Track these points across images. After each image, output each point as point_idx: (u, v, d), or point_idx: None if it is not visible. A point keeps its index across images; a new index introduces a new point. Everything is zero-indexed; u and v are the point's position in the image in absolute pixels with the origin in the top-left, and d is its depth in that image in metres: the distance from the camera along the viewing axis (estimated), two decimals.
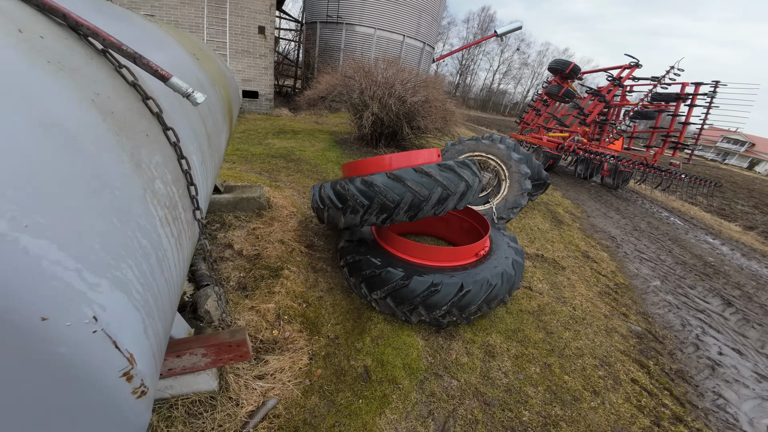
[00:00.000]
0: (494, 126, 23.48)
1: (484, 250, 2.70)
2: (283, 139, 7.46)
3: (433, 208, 2.43)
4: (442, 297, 2.29)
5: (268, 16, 9.43)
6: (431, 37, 13.84)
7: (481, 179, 2.94)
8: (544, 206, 6.01)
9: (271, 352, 2.00)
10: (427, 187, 2.33)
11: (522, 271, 2.70)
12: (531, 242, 4.24)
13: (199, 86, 1.62)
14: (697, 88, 8.08)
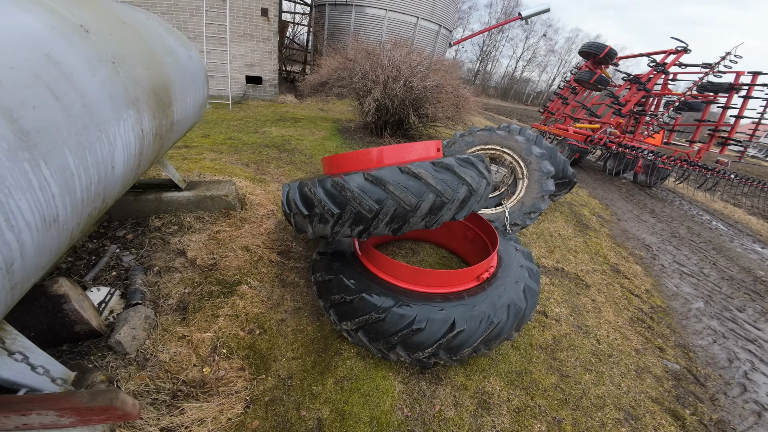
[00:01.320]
0: (515, 115, 22.20)
1: (489, 272, 2.15)
2: (282, 127, 7.01)
3: (423, 220, 1.88)
4: (427, 337, 1.78)
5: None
6: (448, 20, 12.91)
7: (489, 181, 2.37)
8: (568, 207, 5.31)
9: (193, 398, 1.56)
10: (415, 193, 1.77)
11: (535, 300, 2.14)
12: (550, 252, 3.62)
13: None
14: (755, 77, 6.99)
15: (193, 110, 2.71)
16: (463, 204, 1.98)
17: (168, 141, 2.34)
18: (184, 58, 2.56)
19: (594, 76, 8.16)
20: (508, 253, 2.43)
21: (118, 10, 1.93)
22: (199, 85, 2.83)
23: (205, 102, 3.10)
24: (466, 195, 1.97)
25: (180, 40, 2.71)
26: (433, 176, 1.84)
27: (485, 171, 2.24)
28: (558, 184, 4.41)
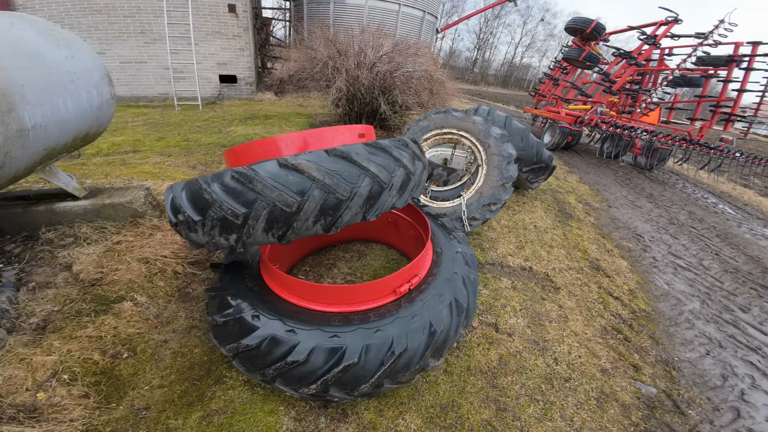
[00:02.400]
0: (514, 102, 21.44)
1: (412, 284, 1.73)
2: (249, 125, 6.64)
3: (361, 211, 1.51)
4: (309, 370, 1.38)
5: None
6: (433, 5, 12.35)
7: (425, 164, 1.97)
8: (551, 195, 4.82)
9: (16, 422, 1.23)
10: (348, 178, 1.43)
11: (468, 317, 1.72)
12: (520, 248, 3.17)
13: None
14: (755, 47, 6.34)
15: (75, 114, 2.40)
16: (402, 189, 1.65)
17: (27, 149, 2.00)
18: (57, 58, 2.31)
19: (583, 53, 7.58)
20: (447, 257, 2.00)
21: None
22: (87, 87, 2.55)
23: (104, 104, 2.81)
24: (405, 178, 1.64)
25: (58, 41, 2.45)
26: (368, 157, 1.49)
27: (418, 152, 1.86)
28: (533, 169, 3.94)
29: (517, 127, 3.80)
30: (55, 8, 8.09)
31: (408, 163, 1.70)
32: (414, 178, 1.78)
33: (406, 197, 1.79)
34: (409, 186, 1.78)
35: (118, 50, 8.71)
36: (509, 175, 2.81)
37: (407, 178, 1.70)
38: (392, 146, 1.71)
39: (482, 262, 2.86)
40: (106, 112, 2.95)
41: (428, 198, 3.36)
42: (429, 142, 3.31)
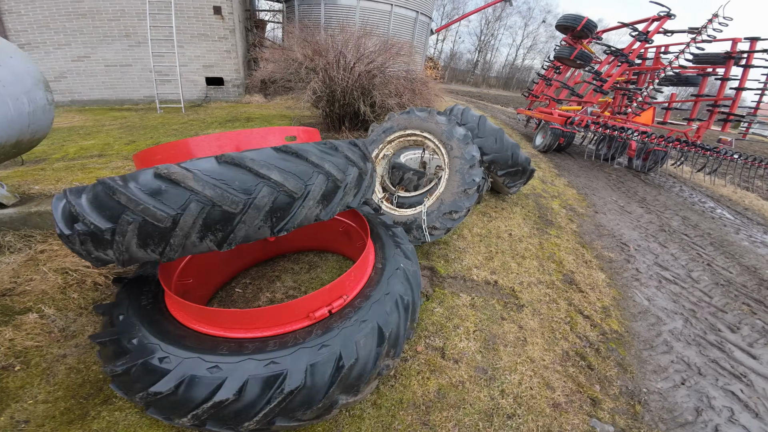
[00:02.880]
0: (514, 103, 21.13)
1: (334, 306, 1.51)
2: (228, 128, 6.48)
3: (316, 208, 1.42)
4: (182, 401, 1.18)
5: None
6: (427, 6, 12.17)
7: (365, 169, 1.75)
8: (534, 200, 4.58)
9: None
10: (301, 175, 1.33)
11: (396, 347, 1.50)
12: (488, 259, 2.94)
13: None
14: (753, 43, 6.06)
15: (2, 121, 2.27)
16: (356, 187, 1.58)
17: None
18: None
19: (574, 51, 7.33)
20: (387, 274, 1.78)
21: None
22: (15, 94, 2.46)
23: (38, 110, 2.73)
24: (331, 187, 1.46)
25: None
26: (321, 156, 1.39)
27: (357, 157, 1.67)
28: (509, 173, 3.72)
29: (491, 128, 3.58)
30: (40, 12, 8.04)
31: (332, 168, 1.49)
32: (342, 185, 1.58)
33: (333, 208, 1.58)
34: (337, 195, 1.57)
35: (102, 53, 8.64)
36: (471, 180, 2.59)
37: (335, 186, 1.50)
38: (346, 146, 1.56)
39: (443, 275, 2.64)
40: (41, 119, 2.83)
41: (393, 204, 3.15)
42: (393, 144, 3.10)
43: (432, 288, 2.47)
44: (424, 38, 12.62)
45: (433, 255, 2.88)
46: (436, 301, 2.33)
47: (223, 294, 2.26)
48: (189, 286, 1.93)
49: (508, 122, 12.23)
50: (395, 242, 2.09)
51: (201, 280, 2.10)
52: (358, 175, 1.65)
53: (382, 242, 2.08)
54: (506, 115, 14.65)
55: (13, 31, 7.90)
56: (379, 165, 3.14)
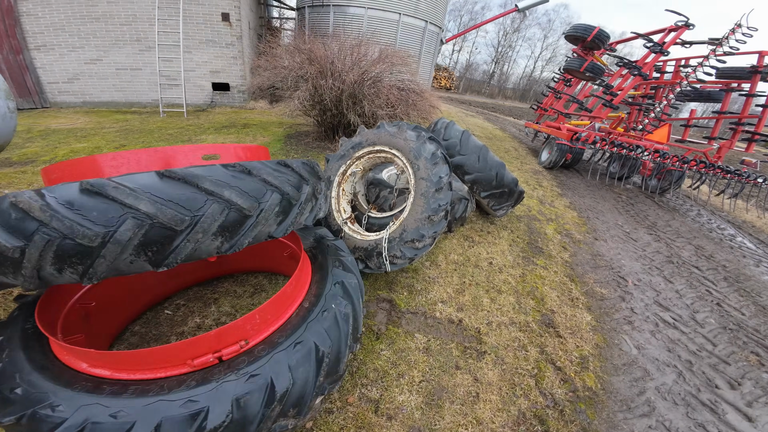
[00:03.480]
0: (528, 117, 20.63)
1: (223, 354, 1.29)
2: (223, 133, 6.44)
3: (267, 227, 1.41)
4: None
5: (232, 2, 8.50)
6: (437, 16, 12.01)
7: (291, 193, 1.56)
8: (526, 223, 4.26)
9: None
10: (253, 193, 1.34)
11: (299, 407, 1.28)
12: (459, 292, 2.66)
13: None
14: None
15: None
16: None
17: None
18: None
19: (585, 63, 6.96)
20: (313, 314, 1.56)
21: None
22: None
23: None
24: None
25: None
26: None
27: (310, 175, 1.65)
28: (493, 195, 3.43)
29: (475, 145, 3.32)
30: (57, 16, 8.31)
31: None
32: (297, 204, 1.57)
33: (284, 227, 1.54)
34: (291, 213, 1.47)
35: (114, 57, 8.85)
36: (437, 206, 2.34)
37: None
38: (265, 168, 1.40)
39: (403, 309, 2.38)
40: (0, 126, 2.79)
41: (363, 225, 2.92)
42: (363, 160, 2.89)
43: (386, 325, 2.22)
44: (433, 48, 12.45)
45: (397, 284, 2.63)
46: (386, 341, 2.07)
47: (150, 315, 2.09)
48: (93, 310, 1.75)
49: (517, 135, 11.85)
50: (337, 274, 1.86)
51: (117, 302, 1.93)
52: (312, 193, 1.61)
53: (323, 274, 1.86)
54: (516, 127, 14.25)
55: (31, 33, 8.17)
56: (347, 182, 2.93)
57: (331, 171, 2.90)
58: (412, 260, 2.46)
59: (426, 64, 12.58)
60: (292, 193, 1.54)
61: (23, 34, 8.10)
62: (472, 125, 11.92)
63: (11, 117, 2.82)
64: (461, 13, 45.19)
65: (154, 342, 1.95)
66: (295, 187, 1.55)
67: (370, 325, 2.19)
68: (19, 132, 6.02)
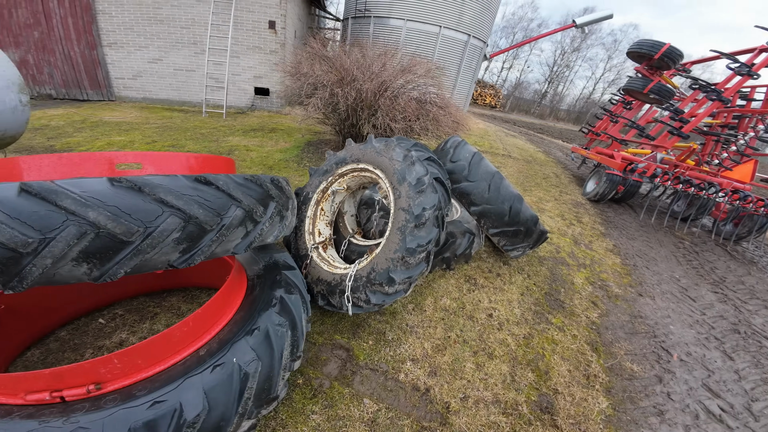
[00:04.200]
0: (580, 140, 18.96)
1: (63, 393, 1.07)
2: (248, 136, 6.54)
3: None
4: None
5: (279, 10, 8.79)
6: (482, 30, 11.47)
7: (284, 204, 1.67)
8: (550, 266, 3.60)
9: None
10: (215, 206, 1.32)
11: None
12: (438, 350, 2.18)
13: None
14: None
15: None
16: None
17: None
18: None
19: (650, 83, 6.01)
20: (201, 367, 1.25)
21: None
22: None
23: (6, 111, 2.85)
24: None
25: None
26: None
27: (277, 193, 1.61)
28: (505, 233, 2.90)
29: (486, 171, 2.83)
30: (128, 16, 9.09)
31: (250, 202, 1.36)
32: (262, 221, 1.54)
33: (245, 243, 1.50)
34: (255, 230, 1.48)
35: (173, 58, 9.56)
36: (414, 246, 1.91)
37: (252, 219, 1.39)
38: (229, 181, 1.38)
39: (361, 363, 1.97)
40: (10, 119, 2.92)
41: (337, 253, 2.58)
42: (347, 179, 2.55)
43: (332, 380, 1.82)
44: (474, 63, 11.89)
45: (365, 329, 2.23)
46: (323, 402, 1.68)
47: (83, 321, 1.96)
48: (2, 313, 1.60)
49: (563, 160, 10.80)
50: (265, 319, 1.53)
51: (39, 306, 1.79)
52: (278, 211, 1.57)
53: (250, 312, 1.55)
54: (564, 152, 13.06)
55: (105, 31, 9.07)
56: (326, 201, 2.60)
57: (310, 187, 2.60)
58: (380, 306, 2.05)
59: (465, 79, 12.06)
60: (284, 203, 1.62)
61: (98, 31, 8.99)
62: (510, 145, 11.11)
63: (23, 110, 2.93)
64: (515, 30, 43.61)
65: (70, 352, 1.78)
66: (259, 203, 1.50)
67: (312, 377, 1.81)
68: (75, 121, 6.61)
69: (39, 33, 8.74)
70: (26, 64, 9.03)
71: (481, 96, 30.27)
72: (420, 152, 2.63)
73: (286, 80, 5.44)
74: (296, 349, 1.54)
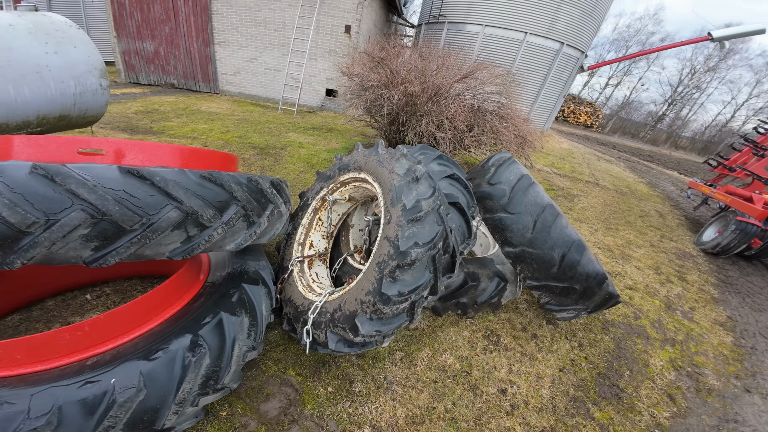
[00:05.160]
0: (703, 173, 15.10)
1: None
2: (304, 134, 6.67)
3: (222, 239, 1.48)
4: None
5: (355, 15, 8.93)
6: (580, 38, 9.91)
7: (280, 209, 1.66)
8: (618, 336, 2.68)
9: None
10: (213, 202, 1.40)
11: None
12: (412, 424, 1.66)
13: None
14: None
15: (33, 99, 2.79)
16: None
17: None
18: (29, 54, 2.77)
19: None
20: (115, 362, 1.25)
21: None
22: (61, 78, 2.96)
23: (86, 93, 3.32)
24: None
25: (47, 39, 2.91)
26: None
27: None
28: (550, 288, 2.19)
29: (534, 202, 2.16)
30: (235, 17, 10.15)
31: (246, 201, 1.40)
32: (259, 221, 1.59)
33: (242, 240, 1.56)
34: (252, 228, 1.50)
35: (265, 58, 10.48)
36: (390, 294, 1.42)
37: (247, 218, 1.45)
38: None
39: (306, 413, 1.58)
40: (90, 101, 3.26)
41: (327, 272, 2.23)
42: (349, 188, 2.18)
43: (261, 424, 1.47)
44: (566, 75, 10.36)
45: (329, 370, 1.82)
46: None
47: (73, 294, 2.03)
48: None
49: (673, 197, 8.66)
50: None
51: (26, 277, 1.87)
52: (242, 215, 1.50)
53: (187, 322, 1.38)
54: (677, 185, 10.53)
55: (217, 30, 10.34)
56: (324, 210, 2.27)
57: (311, 192, 2.31)
58: (338, 354, 1.62)
59: (551, 92, 10.60)
60: None
61: (212, 30, 10.28)
62: (600, 171, 9.36)
63: (102, 93, 3.28)
64: (628, 44, 37.17)
65: (44, 323, 1.83)
66: None
67: (239, 412, 1.49)
68: (179, 108, 7.60)
69: (169, 28, 10.35)
70: (158, 55, 10.81)
71: (574, 113, 26.89)
72: (443, 167, 2.13)
73: (343, 80, 5.35)
74: None
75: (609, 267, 3.85)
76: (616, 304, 2.33)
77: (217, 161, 1.97)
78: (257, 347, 1.60)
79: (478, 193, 2.36)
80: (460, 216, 1.98)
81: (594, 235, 4.69)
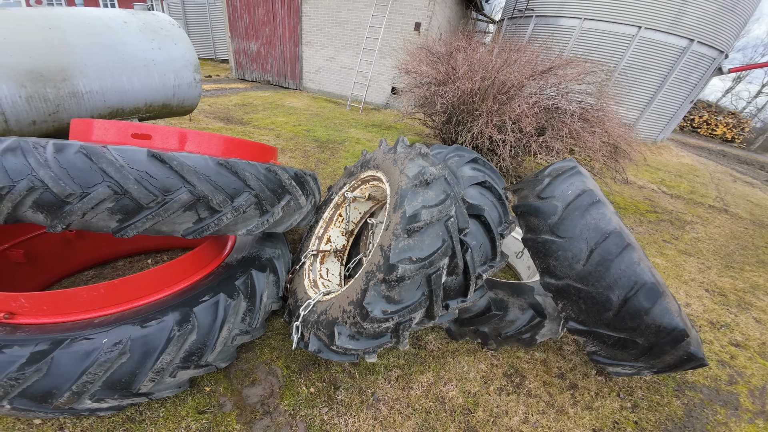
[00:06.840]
0: None
1: None
2: (366, 130, 6.75)
3: (234, 224, 1.55)
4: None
5: (426, 12, 8.64)
6: (717, 35, 7.90)
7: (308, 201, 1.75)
8: (691, 403, 2.04)
9: None
10: (228, 190, 1.47)
11: None
12: None
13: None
14: None
15: (141, 88, 3.22)
16: None
17: (81, 106, 2.84)
18: (139, 49, 3.17)
19: None
20: None
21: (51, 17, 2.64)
22: (164, 71, 3.38)
23: (183, 85, 3.63)
24: None
25: (154, 36, 3.31)
26: None
27: None
28: (600, 336, 1.76)
29: (593, 226, 1.72)
30: (320, 18, 10.74)
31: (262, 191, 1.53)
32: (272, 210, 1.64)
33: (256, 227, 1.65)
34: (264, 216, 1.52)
35: (342, 57, 10.94)
36: (372, 312, 1.25)
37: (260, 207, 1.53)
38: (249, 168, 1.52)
39: (281, 408, 1.52)
40: (186, 92, 3.70)
41: (341, 268, 2.15)
42: (368, 186, 2.06)
43: (236, 408, 1.47)
44: (695, 77, 8.41)
45: (317, 370, 1.74)
46: (204, 425, 1.35)
47: (134, 260, 2.33)
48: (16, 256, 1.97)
49: None
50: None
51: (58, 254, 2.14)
52: (254, 203, 1.54)
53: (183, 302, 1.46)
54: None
55: (305, 30, 11.12)
56: (345, 206, 2.18)
57: (336, 187, 2.25)
58: (317, 354, 1.52)
59: (673, 96, 8.74)
60: None
61: (301, 31, 11.13)
62: (734, 196, 7.43)
63: (196, 86, 3.71)
64: (764, 41, 28.55)
65: (106, 279, 2.10)
66: None
67: (220, 392, 1.51)
68: (267, 102, 8.39)
69: (269, 30, 11.50)
70: (260, 55, 12.10)
71: (708, 123, 21.85)
72: (476, 171, 1.88)
73: (403, 78, 5.23)
74: None
75: (713, 316, 3.01)
76: (700, 367, 1.76)
77: (255, 151, 2.04)
78: (252, 332, 1.61)
79: (523, 207, 2.01)
80: (484, 232, 1.70)
81: (704, 273, 3.70)
